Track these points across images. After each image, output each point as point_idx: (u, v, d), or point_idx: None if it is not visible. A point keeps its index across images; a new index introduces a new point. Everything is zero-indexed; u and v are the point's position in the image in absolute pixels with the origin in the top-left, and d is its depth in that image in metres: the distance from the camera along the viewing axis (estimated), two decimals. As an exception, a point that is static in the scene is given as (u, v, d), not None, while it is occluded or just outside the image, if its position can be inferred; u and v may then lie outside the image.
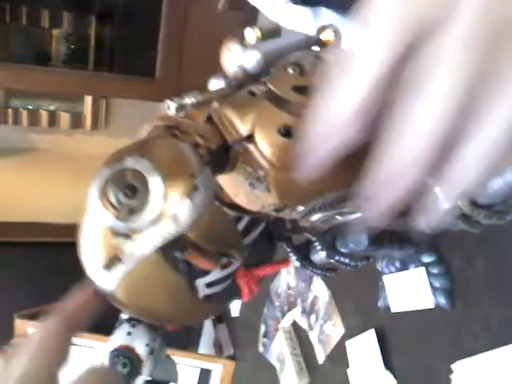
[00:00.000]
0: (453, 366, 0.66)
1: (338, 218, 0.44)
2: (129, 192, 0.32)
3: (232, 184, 0.41)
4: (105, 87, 2.52)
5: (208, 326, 1.63)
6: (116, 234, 0.32)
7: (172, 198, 0.32)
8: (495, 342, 0.61)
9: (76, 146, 2.74)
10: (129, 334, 0.64)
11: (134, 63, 2.52)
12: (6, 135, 2.61)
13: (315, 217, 0.42)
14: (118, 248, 0.33)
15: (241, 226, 0.59)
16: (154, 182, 0.32)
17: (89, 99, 2.61)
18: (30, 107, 2.59)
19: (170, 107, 0.39)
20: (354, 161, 0.38)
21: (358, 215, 0.43)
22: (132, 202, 0.32)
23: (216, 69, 0.48)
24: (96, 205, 0.32)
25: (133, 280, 0.33)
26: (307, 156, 0.28)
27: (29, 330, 1.41)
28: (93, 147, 2.71)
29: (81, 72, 2.59)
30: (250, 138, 0.38)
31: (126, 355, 0.62)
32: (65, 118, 2.63)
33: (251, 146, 0.39)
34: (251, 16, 1.59)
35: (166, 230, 0.32)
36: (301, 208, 0.41)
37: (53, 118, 2.61)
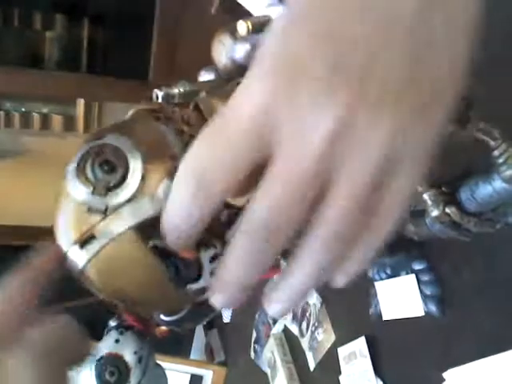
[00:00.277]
0: (444, 374, 0.65)
1: None
2: (107, 168, 0.31)
3: None
4: (97, 90, 2.51)
5: (199, 331, 1.62)
6: (91, 210, 0.31)
7: (151, 177, 0.31)
8: (486, 350, 0.61)
9: (68, 150, 2.71)
10: (117, 341, 0.63)
11: (126, 66, 2.51)
12: (-3, 138, 2.59)
13: None
14: (92, 225, 0.31)
15: (232, 232, 0.59)
16: (134, 160, 0.31)
17: (81, 102, 2.60)
18: (22, 110, 2.58)
19: (158, 96, 0.38)
20: None
21: None
22: (109, 178, 0.31)
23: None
24: (72, 179, 0.31)
25: (107, 259, 0.32)
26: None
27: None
28: (85, 150, 2.69)
29: (73, 75, 2.58)
30: None
31: (113, 363, 0.61)
32: (57, 121, 2.61)
33: None
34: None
35: (142, 209, 0.31)
36: None
37: (45, 121, 2.60)
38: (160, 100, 0.40)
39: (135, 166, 0.31)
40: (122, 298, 0.35)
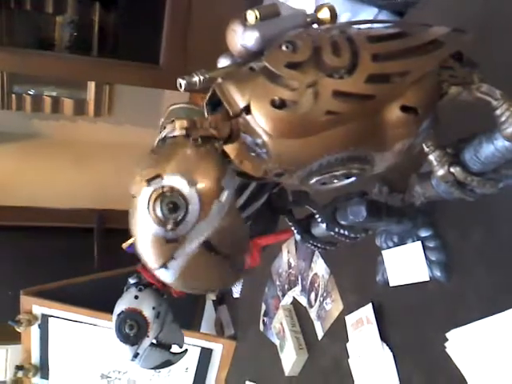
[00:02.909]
0: (448, 335, 0.68)
1: (335, 181, 0.47)
2: (172, 207, 0.40)
3: (237, 152, 0.45)
4: (109, 73, 2.53)
5: (209, 307, 1.66)
6: (166, 240, 0.41)
7: (205, 203, 0.41)
8: (488, 310, 0.64)
9: (79, 133, 2.76)
10: (136, 297, 0.67)
11: (138, 50, 2.53)
12: (9, 120, 2.62)
13: (313, 180, 0.46)
14: (170, 252, 0.41)
15: (243, 197, 0.62)
16: (191, 195, 0.40)
17: (92, 85, 2.62)
18: (33, 93, 2.61)
19: (181, 84, 0.44)
20: (343, 130, 0.42)
21: (352, 179, 0.47)
22: (176, 215, 0.40)
23: (220, 54, 0.51)
24: (147, 220, 0.40)
25: (186, 270, 0.42)
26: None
27: (33, 307, 1.44)
28: (95, 134, 2.73)
29: (84, 58, 2.60)
30: (249, 109, 0.43)
31: (132, 317, 0.65)
32: (68, 105, 2.64)
33: (249, 117, 0.43)
34: (256, 2, 1.61)
35: (203, 231, 0.41)
36: (298, 172, 0.45)
37: (56, 104, 2.62)
38: (183, 88, 0.45)
39: (192, 199, 0.40)
40: (202, 291, 0.54)
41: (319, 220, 0.70)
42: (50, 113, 2.63)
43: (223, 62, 0.50)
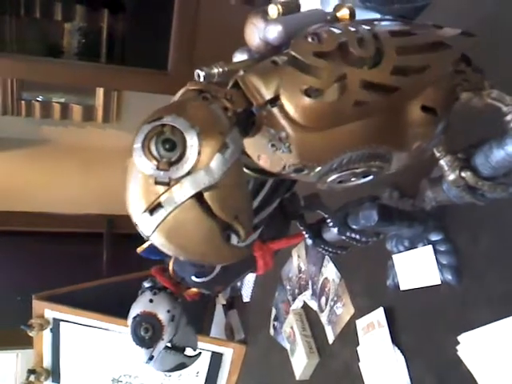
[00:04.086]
0: (459, 338, 0.69)
1: (353, 179, 0.47)
2: (168, 146, 0.37)
3: (255, 146, 0.45)
4: (117, 80, 2.55)
5: (219, 312, 1.66)
6: (157, 182, 0.37)
7: (205, 152, 0.37)
8: (500, 313, 0.64)
9: (87, 139, 2.77)
10: (151, 301, 0.68)
11: (146, 56, 2.55)
12: (18, 127, 2.64)
13: (331, 177, 0.46)
14: (159, 195, 0.37)
15: (256, 201, 0.63)
16: (191, 138, 0.37)
17: (100, 92, 2.64)
18: (42, 99, 2.62)
19: (200, 75, 0.43)
20: (367, 125, 0.42)
21: (370, 178, 0.47)
22: (171, 155, 0.37)
23: (228, 61, 0.51)
24: (139, 156, 0.37)
25: (172, 223, 0.38)
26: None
27: (45, 312, 1.45)
28: (104, 140, 2.74)
29: (93, 65, 2.62)
30: (274, 101, 0.43)
31: (147, 321, 0.66)
32: (77, 111, 2.66)
33: (275, 109, 0.43)
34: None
35: (200, 180, 0.37)
36: (319, 168, 0.45)
37: (65, 111, 2.64)
38: (202, 79, 0.45)
39: (192, 143, 0.37)
40: (183, 254, 0.42)
41: (331, 224, 0.71)
42: (59, 119, 2.64)
43: (239, 57, 0.51)
